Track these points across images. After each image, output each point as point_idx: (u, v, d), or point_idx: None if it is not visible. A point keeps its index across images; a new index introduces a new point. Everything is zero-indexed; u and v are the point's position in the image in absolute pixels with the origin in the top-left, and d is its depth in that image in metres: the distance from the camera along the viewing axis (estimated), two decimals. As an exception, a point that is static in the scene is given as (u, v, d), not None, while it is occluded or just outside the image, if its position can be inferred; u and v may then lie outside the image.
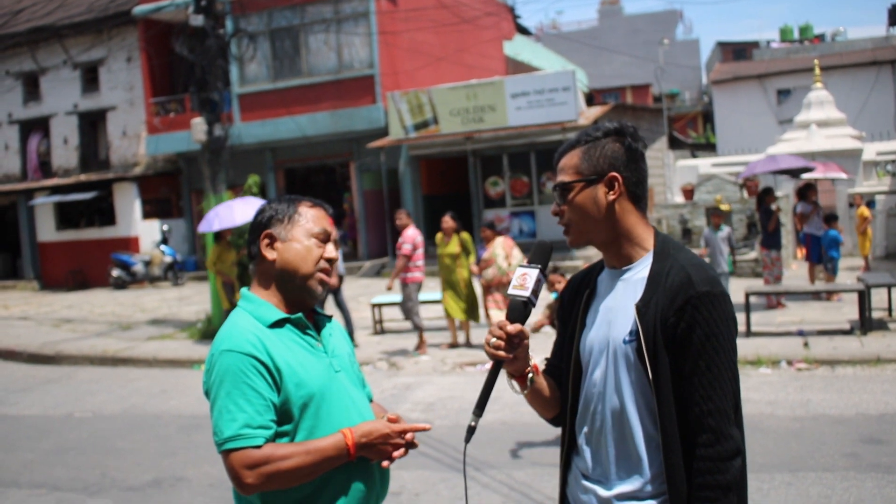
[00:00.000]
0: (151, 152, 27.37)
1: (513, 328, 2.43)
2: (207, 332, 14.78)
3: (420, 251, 12.29)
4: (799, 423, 7.93)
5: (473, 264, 12.32)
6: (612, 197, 2.46)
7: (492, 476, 6.86)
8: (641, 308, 2.37)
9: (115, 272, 25.24)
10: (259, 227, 2.74)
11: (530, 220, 24.49)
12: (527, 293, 2.45)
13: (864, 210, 17.91)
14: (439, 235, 12.51)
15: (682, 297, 2.33)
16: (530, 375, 2.54)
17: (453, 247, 12.26)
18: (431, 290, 16.06)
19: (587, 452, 2.53)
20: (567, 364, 2.62)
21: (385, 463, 2.61)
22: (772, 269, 14.35)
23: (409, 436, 2.63)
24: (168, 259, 25.77)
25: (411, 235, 12.24)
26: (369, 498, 2.65)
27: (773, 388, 9.22)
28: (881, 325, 11.90)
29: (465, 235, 12.47)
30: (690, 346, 2.32)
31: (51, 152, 29.68)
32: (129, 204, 27.32)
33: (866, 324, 11.57)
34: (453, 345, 12.61)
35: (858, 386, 9.19)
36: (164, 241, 26.42)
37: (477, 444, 7.80)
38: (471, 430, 2.47)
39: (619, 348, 2.42)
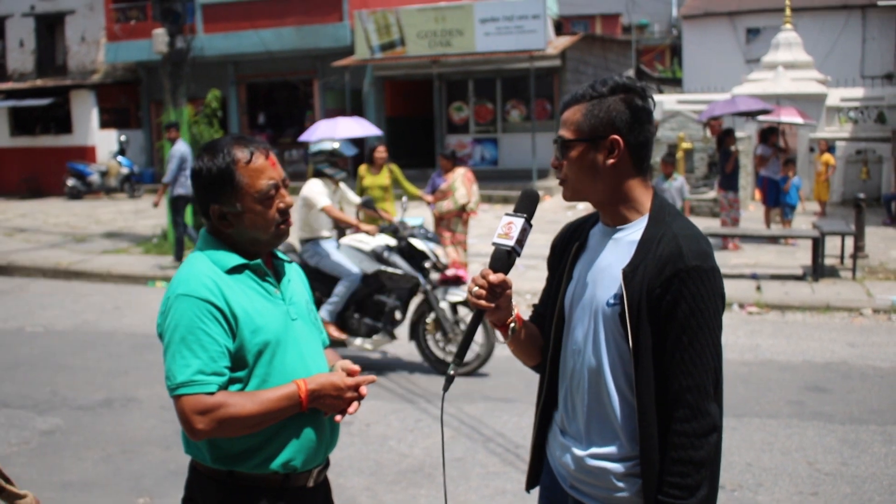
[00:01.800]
0: (111, 60, 26.75)
1: (495, 277, 2.39)
2: (164, 247, 14.68)
3: None
4: (747, 367, 8.08)
5: (425, 193, 11.70)
6: (611, 161, 2.39)
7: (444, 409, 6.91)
8: (628, 273, 2.34)
9: (71, 182, 24.82)
10: (203, 196, 2.61)
11: (493, 148, 24.42)
12: (511, 242, 2.40)
13: (829, 157, 18.03)
14: (363, 167, 11.66)
15: (671, 269, 2.29)
16: (512, 325, 2.51)
17: (383, 178, 11.59)
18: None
19: (565, 409, 2.54)
20: (551, 314, 2.61)
21: (338, 417, 2.60)
22: (729, 210, 14.46)
23: (362, 389, 2.61)
24: (125, 170, 25.39)
25: None
26: (319, 448, 2.64)
27: (723, 331, 9.34)
28: (833, 273, 12.08)
29: (395, 167, 11.95)
30: (674, 320, 2.30)
31: (6, 55, 28.88)
32: (86, 112, 26.76)
33: (819, 270, 11.73)
34: None
35: (807, 333, 9.35)
36: (122, 152, 25.99)
37: (428, 375, 7.86)
38: (449, 379, 2.42)
39: (603, 310, 2.40)
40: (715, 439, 2.34)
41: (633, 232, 2.43)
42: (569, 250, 2.58)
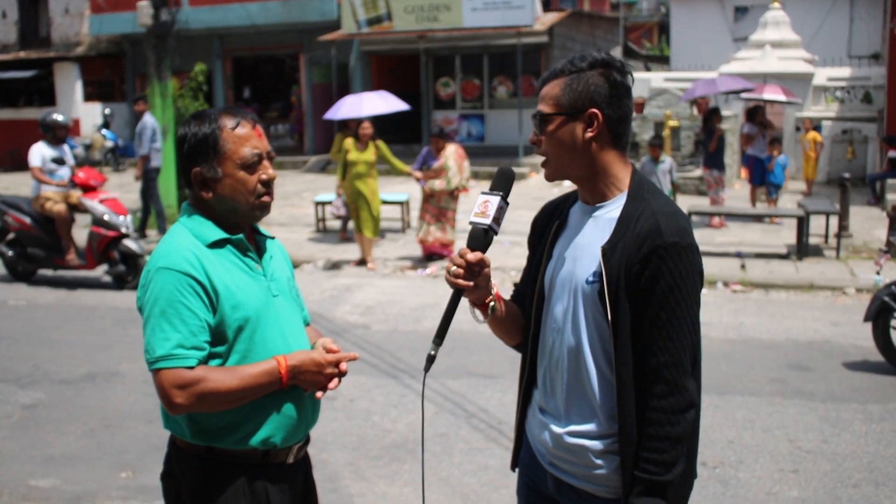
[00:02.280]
0: (95, 32, 26.49)
1: (473, 256, 2.39)
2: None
3: None
4: (730, 345, 8.11)
5: (414, 169, 11.68)
6: (590, 134, 2.39)
7: (426, 384, 6.92)
8: (608, 250, 2.34)
9: (54, 154, 24.61)
10: (186, 161, 2.60)
11: (479, 124, 24.36)
12: (488, 220, 2.40)
13: (816, 135, 18.05)
14: (349, 141, 11.52)
15: (649, 246, 2.29)
16: (492, 304, 2.50)
17: (369, 154, 11.47)
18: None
19: (544, 386, 2.54)
20: (531, 293, 2.60)
21: (319, 394, 2.59)
22: (715, 188, 14.50)
23: (342, 366, 2.60)
24: (109, 144, 25.17)
25: None
26: (299, 425, 2.64)
27: (707, 310, 9.36)
28: (817, 252, 12.13)
29: (382, 143, 11.78)
30: (653, 297, 2.30)
31: (-12, 26, 28.60)
32: (70, 85, 26.53)
33: (803, 249, 11.77)
34: (363, 261, 11.80)
35: (790, 311, 9.39)
36: (106, 125, 25.76)
37: (412, 351, 7.87)
38: (430, 360, 2.41)
39: (582, 287, 2.40)
40: (692, 416, 2.34)
41: (612, 209, 2.43)
42: (549, 229, 2.58)
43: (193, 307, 2.46)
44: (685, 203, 14.84)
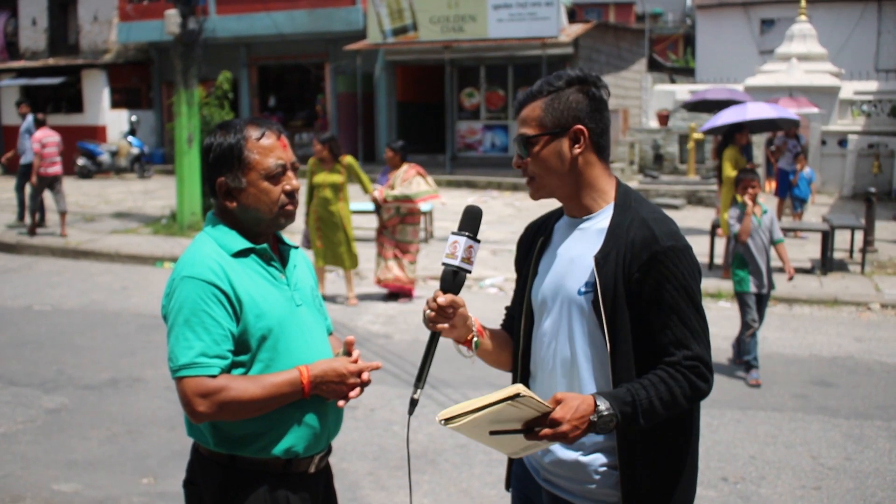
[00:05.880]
0: (123, 40, 26.73)
1: (444, 300, 2.41)
2: (172, 228, 14.74)
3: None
4: (753, 360, 8.06)
5: (380, 189, 9.95)
6: (577, 150, 2.42)
7: (447, 395, 6.92)
8: (600, 260, 2.35)
9: (81, 161, 24.82)
10: (211, 170, 2.63)
11: (503, 134, 24.39)
12: (456, 262, 2.42)
13: None
14: (312, 160, 9.92)
15: (647, 253, 2.31)
16: (475, 339, 2.54)
17: (335, 176, 9.81)
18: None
19: None
20: (519, 313, 2.61)
21: (341, 403, 2.60)
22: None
23: (364, 376, 2.61)
24: (135, 150, 25.37)
25: None
26: (321, 435, 2.65)
27: (731, 323, 9.32)
28: (842, 267, 12.04)
29: (350, 159, 9.99)
30: (661, 302, 2.31)
31: (18, 33, 28.87)
32: (97, 92, 26.76)
33: (827, 264, 11.69)
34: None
35: (814, 327, 9.32)
36: (132, 132, 25.96)
37: (435, 361, 7.83)
38: (413, 403, 2.45)
39: (573, 299, 2.41)
40: (697, 389, 2.31)
41: (600, 220, 2.45)
42: (534, 247, 2.59)
43: (217, 316, 2.48)
44: (707, 215, 14.75)
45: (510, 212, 17.78)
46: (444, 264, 2.45)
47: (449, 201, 18.75)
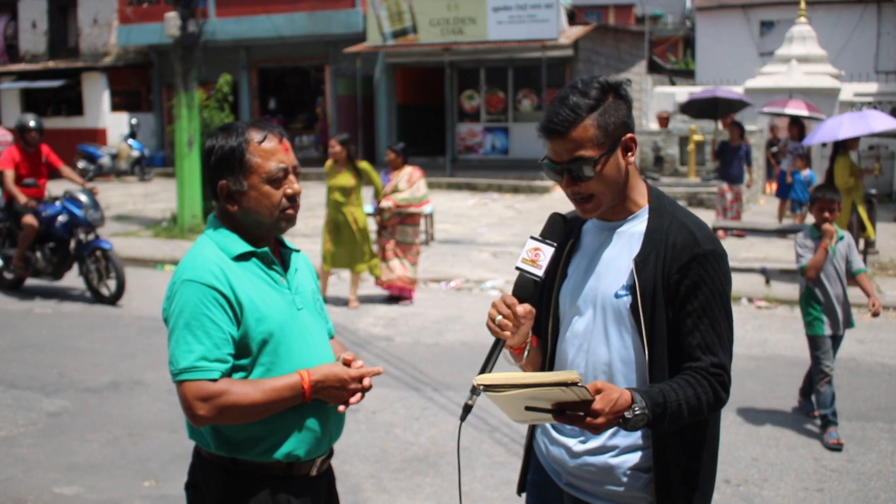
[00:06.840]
0: (123, 43, 26.75)
1: (523, 309, 2.34)
2: (173, 231, 14.73)
3: None
4: (755, 362, 8.05)
5: (392, 199, 9.86)
6: (630, 158, 2.40)
7: (449, 397, 6.92)
8: (640, 263, 2.35)
9: (81, 164, 24.78)
10: (212, 173, 2.62)
11: (503, 137, 24.38)
12: (540, 272, 2.36)
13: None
14: (329, 163, 9.95)
15: (688, 255, 2.32)
16: (528, 349, 2.49)
17: (346, 178, 9.75)
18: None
19: None
20: (546, 317, 2.58)
21: (341, 408, 2.59)
22: (721, 199, 14.66)
23: (365, 381, 2.60)
24: (135, 153, 25.37)
25: None
26: (322, 439, 2.64)
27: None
28: (843, 268, 12.00)
29: (365, 164, 9.91)
30: (694, 302, 2.31)
31: (18, 36, 28.90)
32: (97, 95, 26.77)
33: (828, 265, 11.64)
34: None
35: (815, 328, 9.29)
36: (132, 135, 25.96)
37: (435, 363, 7.86)
38: (467, 409, 2.33)
39: (610, 301, 2.39)
40: (719, 398, 2.33)
41: (636, 224, 2.44)
42: (561, 249, 2.54)
43: (218, 320, 2.47)
44: (707, 218, 14.77)
45: (511, 214, 17.78)
46: (521, 270, 2.37)
47: (449, 203, 18.78)
